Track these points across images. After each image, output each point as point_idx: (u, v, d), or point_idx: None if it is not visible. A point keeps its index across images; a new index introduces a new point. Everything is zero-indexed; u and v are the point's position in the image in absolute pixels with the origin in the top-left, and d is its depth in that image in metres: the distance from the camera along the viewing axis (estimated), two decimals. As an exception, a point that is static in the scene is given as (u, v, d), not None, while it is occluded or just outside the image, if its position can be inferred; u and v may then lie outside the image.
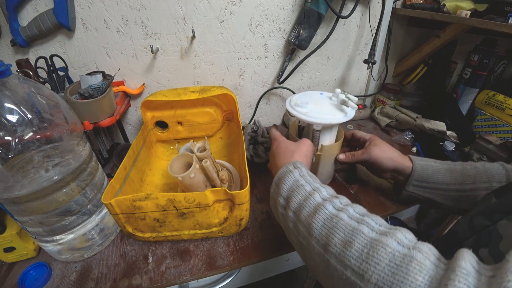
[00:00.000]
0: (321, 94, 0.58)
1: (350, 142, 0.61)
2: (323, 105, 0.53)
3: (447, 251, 0.34)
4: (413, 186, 0.51)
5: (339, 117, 0.50)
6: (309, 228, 0.31)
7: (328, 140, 0.55)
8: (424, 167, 0.50)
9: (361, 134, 0.58)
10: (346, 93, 0.52)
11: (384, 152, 0.53)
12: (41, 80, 0.59)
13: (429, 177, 0.49)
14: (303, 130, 0.59)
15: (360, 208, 0.32)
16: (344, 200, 0.34)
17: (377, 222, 0.29)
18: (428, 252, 0.25)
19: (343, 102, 0.51)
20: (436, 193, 0.49)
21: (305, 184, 0.37)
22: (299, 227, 0.33)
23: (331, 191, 0.37)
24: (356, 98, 0.51)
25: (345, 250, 0.27)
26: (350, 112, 0.51)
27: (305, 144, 0.47)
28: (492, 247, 0.31)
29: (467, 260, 0.23)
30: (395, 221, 0.74)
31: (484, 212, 0.35)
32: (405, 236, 0.26)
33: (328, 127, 0.53)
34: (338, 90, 0.53)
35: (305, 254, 0.33)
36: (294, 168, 0.40)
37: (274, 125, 0.56)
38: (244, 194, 0.44)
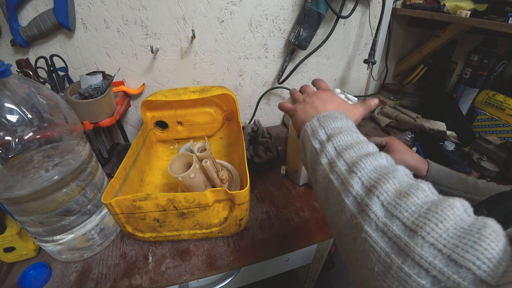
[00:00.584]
0: None
1: None
2: None
3: None
4: None
5: None
6: (352, 166, 0.26)
7: None
8: (440, 170, 0.51)
9: (377, 140, 0.55)
10: (345, 93, 0.52)
11: (401, 161, 0.51)
12: (41, 80, 0.59)
13: (442, 180, 0.50)
14: None
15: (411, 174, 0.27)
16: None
17: (433, 190, 0.24)
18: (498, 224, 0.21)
19: None
20: None
21: (358, 133, 0.32)
22: (336, 163, 0.28)
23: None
24: (356, 99, 0.51)
25: (398, 200, 0.22)
26: None
27: (359, 111, 0.41)
28: None
29: None
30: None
31: None
32: (468, 206, 0.22)
33: None
34: (338, 90, 0.53)
35: (331, 195, 0.28)
36: (349, 120, 0.34)
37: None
38: (244, 194, 0.44)
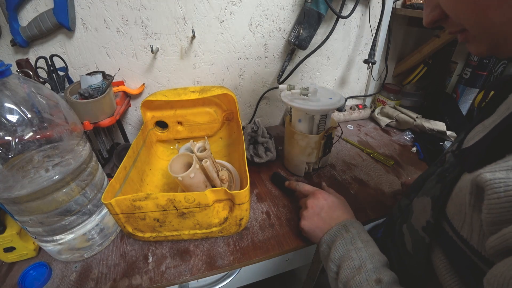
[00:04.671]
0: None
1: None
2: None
3: (387, 230, 0.45)
4: None
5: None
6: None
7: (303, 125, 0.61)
8: None
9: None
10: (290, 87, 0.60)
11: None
12: (41, 80, 0.59)
13: None
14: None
15: None
16: (388, 277, 0.35)
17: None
18: None
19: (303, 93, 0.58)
20: None
21: (355, 257, 0.38)
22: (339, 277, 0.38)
23: (378, 263, 0.37)
24: (282, 88, 0.59)
25: None
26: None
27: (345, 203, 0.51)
28: (408, 222, 0.35)
29: None
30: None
31: (406, 193, 0.41)
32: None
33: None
34: (283, 87, 0.60)
35: None
36: (346, 232, 0.42)
37: (295, 181, 0.59)
38: (244, 194, 0.44)
